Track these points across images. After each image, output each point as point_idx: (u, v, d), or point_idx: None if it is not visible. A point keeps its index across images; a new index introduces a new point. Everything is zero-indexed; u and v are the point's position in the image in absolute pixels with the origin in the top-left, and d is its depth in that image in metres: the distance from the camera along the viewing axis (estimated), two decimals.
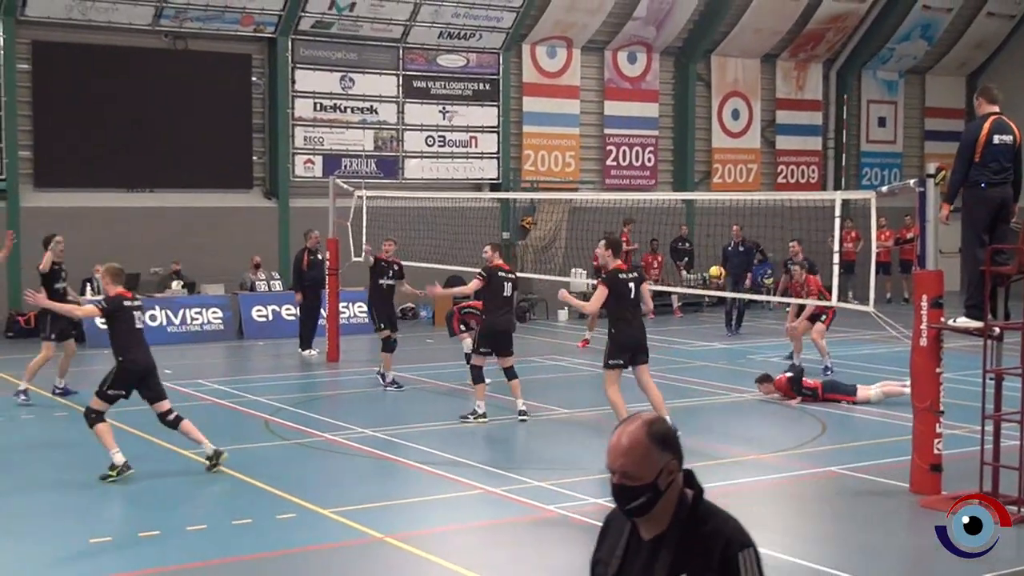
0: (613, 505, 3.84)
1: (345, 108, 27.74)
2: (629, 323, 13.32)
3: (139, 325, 12.08)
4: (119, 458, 11.67)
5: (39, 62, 24.57)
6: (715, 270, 25.23)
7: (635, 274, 13.67)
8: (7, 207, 24.13)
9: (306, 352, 21.58)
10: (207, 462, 12.04)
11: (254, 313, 24.79)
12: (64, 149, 24.82)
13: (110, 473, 11.66)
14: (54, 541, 9.83)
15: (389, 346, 17.81)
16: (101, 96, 25.03)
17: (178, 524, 10.10)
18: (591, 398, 17.46)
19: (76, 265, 23.42)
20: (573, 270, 26.88)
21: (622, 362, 13.25)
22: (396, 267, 18.48)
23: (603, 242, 13.94)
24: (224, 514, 10.46)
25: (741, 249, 25.12)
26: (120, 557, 9.24)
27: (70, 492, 11.56)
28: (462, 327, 18.29)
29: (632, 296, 13.35)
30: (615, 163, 31.32)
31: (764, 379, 17.01)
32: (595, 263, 21.80)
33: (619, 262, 13.67)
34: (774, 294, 22.63)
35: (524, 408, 15.07)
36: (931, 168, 11.21)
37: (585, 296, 19.09)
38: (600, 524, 4.01)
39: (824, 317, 18.60)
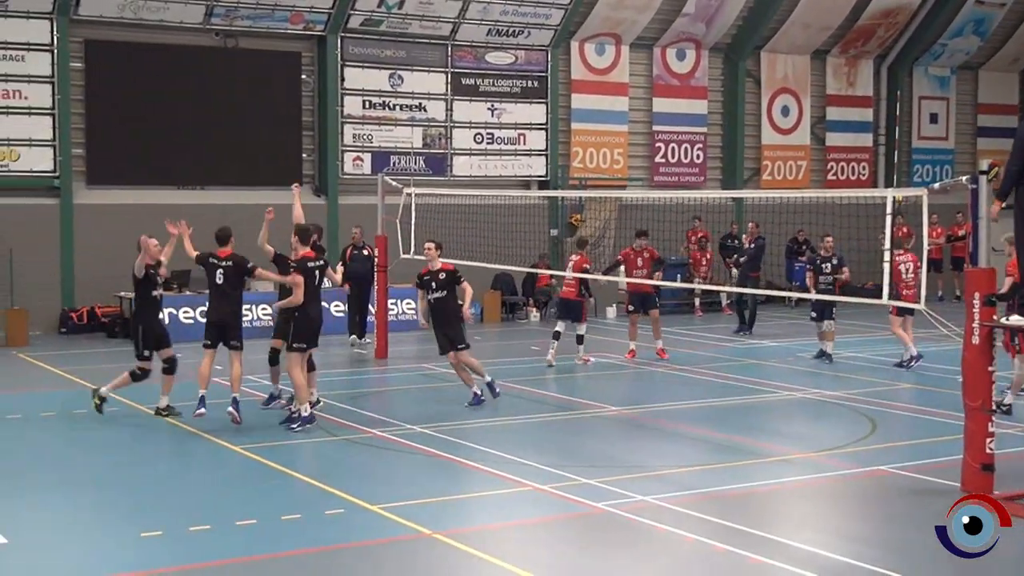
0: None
1: (394, 106, 27.83)
2: (313, 308, 14.33)
3: None
4: None
5: (92, 60, 24.84)
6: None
7: (321, 262, 14.45)
8: (60, 204, 24.46)
9: (351, 338, 22.08)
10: None
11: None
12: (116, 147, 25.05)
13: None
14: (106, 535, 9.94)
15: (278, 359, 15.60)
16: (152, 94, 25.25)
17: (228, 519, 10.17)
18: (639, 395, 17.45)
19: (130, 262, 23.68)
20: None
21: (305, 345, 14.16)
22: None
23: (293, 231, 14.85)
24: (273, 510, 10.51)
25: (751, 247, 25.02)
26: (171, 551, 9.32)
27: (121, 488, 11.68)
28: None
29: (316, 283, 14.30)
30: (664, 160, 31.23)
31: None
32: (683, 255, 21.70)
33: (307, 250, 14.40)
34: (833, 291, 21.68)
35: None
36: (984, 165, 11.10)
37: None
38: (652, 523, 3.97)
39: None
